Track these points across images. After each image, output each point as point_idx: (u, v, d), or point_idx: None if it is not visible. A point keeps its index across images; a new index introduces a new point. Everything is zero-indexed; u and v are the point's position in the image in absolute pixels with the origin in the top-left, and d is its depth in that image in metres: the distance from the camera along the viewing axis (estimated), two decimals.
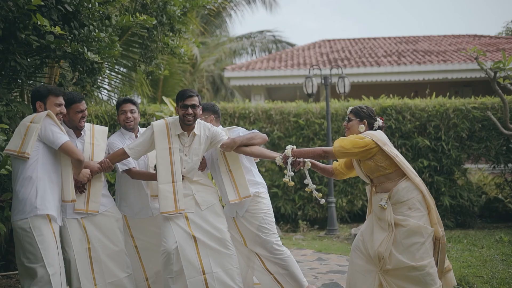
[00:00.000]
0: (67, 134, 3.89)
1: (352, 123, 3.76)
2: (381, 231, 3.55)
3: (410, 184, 3.53)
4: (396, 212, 3.51)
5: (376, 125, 3.76)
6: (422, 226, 3.43)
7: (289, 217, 8.97)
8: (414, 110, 8.83)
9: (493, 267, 5.38)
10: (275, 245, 4.10)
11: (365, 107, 3.77)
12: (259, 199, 4.15)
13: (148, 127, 4.03)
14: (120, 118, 4.32)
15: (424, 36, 18.13)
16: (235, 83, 14.37)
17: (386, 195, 3.55)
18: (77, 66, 4.81)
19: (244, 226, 4.17)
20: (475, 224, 8.70)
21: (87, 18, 4.69)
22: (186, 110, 3.85)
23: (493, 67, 7.71)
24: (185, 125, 3.92)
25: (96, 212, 3.96)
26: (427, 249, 3.43)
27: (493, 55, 13.85)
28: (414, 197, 3.51)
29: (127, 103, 4.31)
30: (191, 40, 6.46)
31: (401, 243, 3.45)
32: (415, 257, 3.40)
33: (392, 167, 3.57)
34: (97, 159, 4.02)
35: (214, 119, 4.35)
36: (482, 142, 8.72)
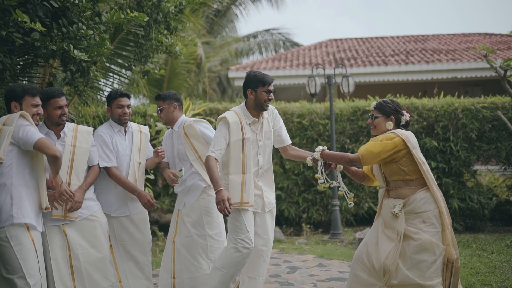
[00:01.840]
0: (47, 136, 3.77)
1: (378, 120, 3.46)
2: (388, 241, 3.27)
3: (429, 196, 3.26)
4: (408, 223, 3.24)
5: (404, 120, 3.46)
6: (435, 243, 3.18)
7: (293, 220, 8.75)
8: (422, 110, 8.57)
9: (503, 274, 5.13)
10: (199, 256, 4.05)
11: (390, 101, 3.48)
12: (204, 196, 4.13)
13: (220, 122, 3.82)
14: (116, 112, 4.20)
15: (433, 35, 17.81)
16: (240, 83, 14.12)
17: (400, 201, 3.27)
18: (68, 65, 4.65)
19: (182, 219, 4.15)
20: (485, 227, 8.42)
21: (76, 15, 4.52)
22: (269, 95, 3.81)
23: (503, 65, 7.44)
24: (262, 110, 3.88)
25: (74, 218, 3.77)
26: (437, 268, 3.19)
27: (504, 53, 13.52)
28: (431, 211, 3.24)
29: (124, 97, 4.23)
30: (188, 38, 6.24)
31: (410, 258, 3.19)
32: (424, 275, 3.15)
33: (414, 174, 3.30)
34: (77, 161, 3.84)
35: (177, 106, 4.34)
36: (492, 143, 8.43)
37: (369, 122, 3.55)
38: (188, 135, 4.20)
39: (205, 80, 16.16)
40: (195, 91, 15.98)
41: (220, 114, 8.82)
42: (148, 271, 4.25)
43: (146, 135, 4.43)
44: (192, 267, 4.06)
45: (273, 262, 6.02)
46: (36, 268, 3.29)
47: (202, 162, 4.14)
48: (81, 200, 3.78)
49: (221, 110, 8.90)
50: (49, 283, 3.68)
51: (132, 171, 4.20)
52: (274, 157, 8.94)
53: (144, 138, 4.40)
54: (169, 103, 4.32)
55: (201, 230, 4.09)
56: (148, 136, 4.46)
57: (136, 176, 4.21)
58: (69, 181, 3.78)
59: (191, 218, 4.12)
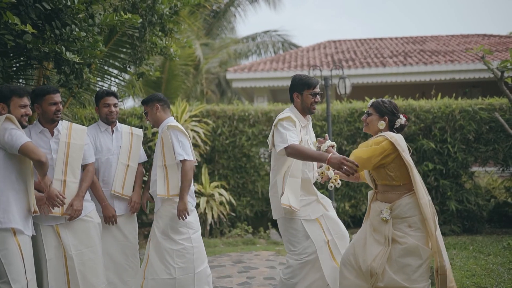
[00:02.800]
0: (42, 134, 3.78)
1: (371, 118, 3.42)
2: (376, 244, 3.25)
3: (414, 200, 3.22)
4: (394, 228, 3.22)
5: (398, 123, 3.41)
6: (421, 247, 3.15)
7: None
8: (419, 112, 8.55)
9: (499, 276, 5.09)
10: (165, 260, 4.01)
11: (388, 102, 3.43)
12: (170, 202, 4.08)
13: (285, 120, 3.67)
14: (102, 111, 4.22)
15: (432, 36, 17.79)
16: (238, 85, 14.14)
17: (387, 205, 3.25)
18: (62, 67, 4.63)
19: (153, 224, 4.14)
20: (483, 229, 8.40)
21: (70, 17, 4.50)
22: (315, 97, 3.80)
23: (500, 67, 7.42)
24: (309, 113, 3.87)
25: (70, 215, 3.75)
26: (424, 272, 3.16)
27: (502, 54, 13.51)
28: (416, 216, 3.21)
29: (111, 96, 4.24)
30: (183, 40, 6.22)
31: (396, 261, 3.17)
32: (410, 278, 3.12)
33: (401, 179, 3.27)
34: (72, 158, 3.83)
35: (160, 107, 4.25)
36: (490, 145, 8.41)
37: (363, 119, 3.53)
38: (163, 140, 4.11)
39: (203, 81, 16.13)
40: (193, 93, 15.95)
41: (217, 115, 8.82)
42: (128, 275, 4.20)
43: (138, 137, 4.41)
44: (158, 269, 4.03)
45: (268, 265, 6.00)
46: (22, 274, 3.25)
47: (166, 171, 4.08)
48: (80, 208, 3.80)
49: (218, 111, 8.89)
50: (43, 285, 3.66)
51: (119, 173, 4.18)
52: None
53: (136, 140, 4.37)
54: (152, 105, 4.27)
55: (167, 235, 4.06)
56: (140, 138, 4.42)
57: (123, 177, 4.19)
58: (65, 178, 3.77)
59: (158, 223, 4.10)
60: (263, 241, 7.82)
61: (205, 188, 8.23)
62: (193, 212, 4.20)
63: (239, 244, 7.58)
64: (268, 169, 8.93)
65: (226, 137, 8.82)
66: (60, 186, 3.75)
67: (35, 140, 3.73)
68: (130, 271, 4.20)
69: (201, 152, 8.53)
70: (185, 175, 3.99)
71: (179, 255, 4.03)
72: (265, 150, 9.15)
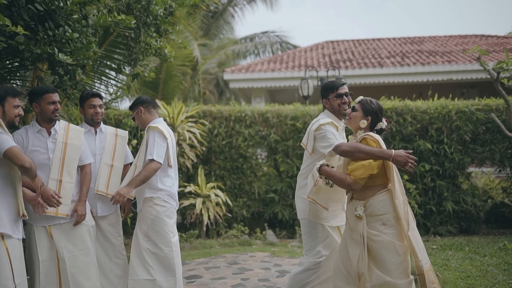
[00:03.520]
0: (39, 133, 3.78)
1: (355, 114, 3.44)
2: (355, 245, 3.27)
3: (388, 197, 3.24)
4: (369, 226, 3.23)
5: (379, 126, 3.44)
6: (397, 243, 3.17)
7: (287, 223, 8.71)
8: (416, 112, 8.53)
9: (494, 277, 5.08)
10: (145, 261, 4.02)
11: (376, 102, 3.45)
12: (151, 204, 4.08)
13: (326, 125, 3.65)
14: (88, 112, 4.24)
15: (430, 37, 17.78)
16: (235, 85, 14.13)
17: (361, 203, 3.27)
18: (56, 68, 4.62)
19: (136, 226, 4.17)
20: (479, 230, 8.39)
21: (63, 18, 4.49)
22: (341, 99, 3.77)
23: (496, 67, 7.41)
24: (341, 115, 3.83)
25: (66, 216, 3.75)
26: (406, 269, 3.17)
27: (500, 55, 13.50)
28: (390, 213, 3.22)
29: (96, 98, 4.26)
30: (178, 41, 6.20)
31: (377, 259, 3.19)
32: (393, 274, 3.14)
33: (378, 180, 3.29)
34: (69, 158, 3.82)
35: (144, 109, 4.28)
36: (486, 145, 8.40)
37: (347, 112, 3.55)
38: (146, 140, 4.14)
39: (200, 82, 16.12)
40: (190, 93, 15.94)
41: (213, 116, 8.81)
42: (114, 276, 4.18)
43: (123, 138, 4.41)
44: (138, 270, 4.04)
45: (263, 266, 5.99)
46: (9, 278, 3.22)
47: None
48: (85, 213, 3.83)
49: (214, 112, 8.88)
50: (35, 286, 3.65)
51: (103, 172, 4.17)
52: (268, 159, 8.92)
53: (121, 141, 4.38)
54: (136, 109, 4.32)
55: (149, 237, 4.07)
56: (125, 139, 4.43)
57: (106, 177, 4.18)
58: (61, 178, 3.76)
59: (141, 226, 4.12)
60: (259, 242, 7.81)
61: (201, 189, 8.22)
62: (174, 215, 4.20)
63: (235, 245, 7.57)
64: (264, 170, 8.92)
65: (223, 137, 8.81)
66: (56, 186, 3.74)
67: (32, 140, 3.73)
68: (116, 272, 4.19)
69: (198, 153, 8.51)
70: (146, 170, 3.99)
71: (159, 258, 4.05)
72: (262, 151, 9.14)
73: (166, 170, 4.19)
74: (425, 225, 8.26)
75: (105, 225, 4.18)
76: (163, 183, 4.14)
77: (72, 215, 3.79)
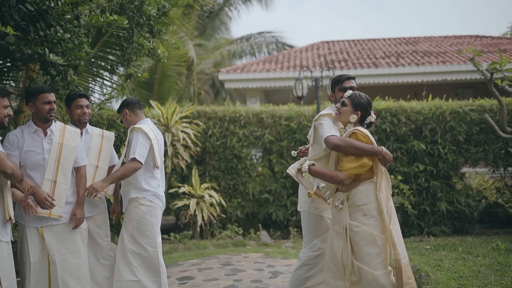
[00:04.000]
0: (35, 133, 3.77)
1: (345, 109, 3.46)
2: (338, 237, 3.34)
3: (370, 188, 3.30)
4: (351, 217, 3.29)
5: (368, 120, 3.49)
6: (376, 234, 3.23)
7: (281, 223, 8.71)
8: (410, 113, 8.54)
9: (486, 278, 5.09)
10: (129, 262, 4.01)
11: (365, 97, 3.47)
12: (136, 204, 4.09)
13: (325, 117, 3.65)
14: (75, 112, 4.23)
15: (425, 37, 17.82)
16: (230, 85, 14.11)
17: (344, 195, 3.33)
18: (47, 69, 4.60)
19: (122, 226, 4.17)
20: (473, 230, 8.41)
21: (55, 18, 4.47)
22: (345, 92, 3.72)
23: (489, 68, 7.43)
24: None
25: (59, 216, 3.73)
26: (384, 260, 3.24)
27: (494, 55, 13.54)
28: (371, 204, 3.28)
29: (83, 98, 4.25)
30: (171, 41, 6.19)
31: (356, 250, 3.26)
32: (371, 264, 3.21)
33: (364, 173, 3.34)
34: (64, 159, 3.80)
35: (129, 112, 4.31)
36: (480, 146, 8.42)
37: (337, 107, 3.56)
38: (128, 141, 4.16)
39: (195, 82, 16.10)
40: (186, 93, 15.92)
41: (208, 117, 8.81)
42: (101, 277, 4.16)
43: (109, 139, 4.40)
44: (123, 271, 4.03)
45: (256, 267, 5.98)
46: None
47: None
48: (83, 216, 3.85)
49: (209, 113, 8.87)
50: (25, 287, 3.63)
51: (88, 173, 4.14)
52: (263, 160, 8.92)
53: (107, 142, 4.36)
54: (122, 112, 4.35)
55: (134, 238, 4.07)
56: (111, 141, 4.42)
57: (91, 178, 4.17)
58: (55, 178, 3.74)
59: (127, 226, 4.12)
60: (253, 243, 7.80)
61: (195, 189, 8.21)
62: (159, 216, 4.20)
63: (229, 245, 7.56)
64: (259, 170, 8.92)
65: (217, 138, 8.80)
66: (50, 187, 3.72)
67: (28, 140, 3.72)
68: (103, 273, 4.17)
69: (192, 154, 8.50)
70: (125, 168, 4.00)
71: (143, 259, 4.04)
72: (257, 151, 9.13)
73: (152, 171, 4.18)
74: (419, 225, 8.27)
75: (92, 226, 4.15)
76: (149, 183, 4.14)
77: (71, 219, 3.80)
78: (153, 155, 4.15)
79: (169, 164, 8.00)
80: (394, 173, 8.37)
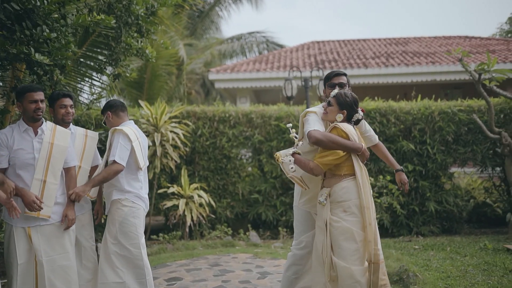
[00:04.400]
0: (25, 133, 3.73)
1: (331, 108, 3.50)
2: (320, 232, 3.39)
3: (352, 185, 3.34)
4: (332, 213, 3.34)
5: (356, 117, 3.53)
6: (355, 231, 3.26)
7: (270, 223, 8.70)
8: (399, 113, 8.58)
9: (473, 278, 5.12)
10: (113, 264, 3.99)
11: (350, 95, 3.50)
12: (119, 205, 4.07)
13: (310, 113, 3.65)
14: (59, 112, 4.15)
15: (415, 38, 17.90)
16: (220, 85, 14.09)
17: (327, 190, 3.38)
18: (34, 68, 4.56)
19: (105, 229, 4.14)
20: (461, 229, 8.47)
21: (42, 17, 4.43)
22: (333, 88, 3.76)
23: (477, 69, 7.49)
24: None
25: (48, 217, 3.69)
26: (361, 257, 3.27)
27: (483, 56, 13.63)
28: (351, 200, 3.32)
29: (67, 98, 4.19)
30: (160, 41, 6.15)
31: (334, 245, 3.31)
32: (348, 260, 3.24)
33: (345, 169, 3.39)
34: (54, 159, 3.76)
35: (111, 114, 4.29)
36: (468, 146, 8.48)
37: (323, 106, 3.61)
38: (109, 142, 4.13)
39: (185, 82, 16.05)
40: (176, 93, 15.87)
41: (197, 117, 8.79)
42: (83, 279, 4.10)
43: (92, 139, 4.36)
44: (107, 273, 4.01)
45: (245, 268, 5.97)
46: None
47: None
48: (74, 217, 3.83)
49: (198, 113, 8.84)
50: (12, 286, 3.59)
51: None
52: (253, 160, 8.90)
53: (90, 142, 4.33)
54: (105, 114, 4.33)
55: (117, 240, 4.05)
56: (95, 141, 4.38)
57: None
58: (45, 178, 3.71)
59: (110, 228, 4.09)
60: (242, 243, 7.78)
61: (185, 189, 8.17)
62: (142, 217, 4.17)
63: (218, 246, 7.53)
64: (249, 170, 8.91)
65: (207, 138, 8.77)
66: (40, 187, 3.69)
67: (18, 139, 3.69)
68: (86, 276, 4.13)
69: (181, 154, 8.47)
70: (106, 171, 3.97)
71: (127, 260, 4.02)
72: (246, 151, 9.12)
73: (135, 173, 4.16)
74: (408, 225, 8.30)
75: (77, 227, 4.11)
76: (131, 185, 4.12)
77: (63, 221, 3.77)
78: (135, 157, 4.11)
79: (158, 164, 7.96)
80: (383, 173, 8.40)
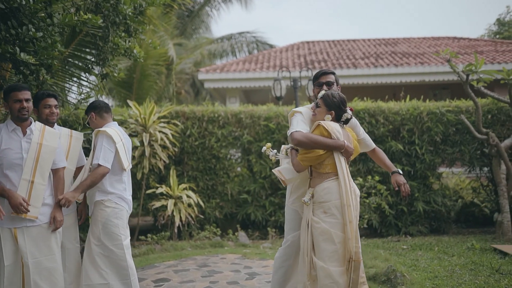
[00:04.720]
0: (13, 132, 3.70)
1: (319, 110, 3.51)
2: (303, 231, 3.41)
3: (333, 186, 3.34)
4: (314, 213, 3.36)
5: (345, 117, 3.53)
6: (333, 232, 3.27)
7: (259, 224, 8.69)
8: (388, 114, 8.60)
9: (460, 277, 5.14)
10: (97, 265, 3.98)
11: (338, 96, 3.50)
12: (102, 207, 4.05)
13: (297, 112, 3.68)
14: (43, 112, 4.11)
15: (404, 38, 18.00)
16: (210, 85, 14.06)
17: (311, 190, 3.41)
18: (20, 68, 4.51)
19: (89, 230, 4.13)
20: (449, 229, 8.52)
21: (28, 16, 4.38)
22: (320, 88, 3.77)
23: (465, 70, 7.53)
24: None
25: (35, 218, 3.65)
26: (340, 258, 3.27)
27: (471, 57, 13.74)
28: (331, 201, 3.32)
29: (52, 98, 4.16)
30: (148, 40, 6.11)
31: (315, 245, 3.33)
32: (327, 261, 3.25)
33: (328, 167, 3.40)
34: (42, 160, 3.73)
35: (95, 115, 4.27)
36: (456, 146, 8.53)
37: (312, 108, 3.62)
38: (94, 144, 4.11)
39: (174, 81, 15.99)
40: (165, 93, 15.80)
41: (186, 117, 8.75)
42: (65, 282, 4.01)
43: (77, 139, 4.33)
44: (91, 275, 3.99)
45: (233, 268, 5.95)
46: None
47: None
48: (62, 219, 3.80)
49: (187, 113, 8.80)
50: None
51: None
52: (242, 160, 8.89)
53: (75, 142, 4.29)
54: (89, 115, 4.30)
55: (100, 241, 4.03)
56: (80, 141, 4.35)
57: None
58: (33, 179, 3.67)
59: (93, 230, 4.07)
60: (231, 244, 7.77)
61: (173, 190, 8.14)
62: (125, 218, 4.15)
63: (207, 246, 7.51)
64: (238, 171, 8.89)
65: (196, 138, 8.74)
66: (27, 187, 3.65)
67: (6, 139, 3.65)
68: (67, 279, 4.08)
69: (170, 154, 8.43)
70: (92, 175, 3.95)
71: (111, 261, 4.00)
72: (235, 151, 9.09)
73: (119, 174, 4.13)
74: (396, 225, 8.33)
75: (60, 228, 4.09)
76: (114, 186, 4.09)
77: (51, 223, 3.74)
78: (119, 158, 4.09)
79: (147, 165, 7.91)
80: (372, 173, 8.42)
